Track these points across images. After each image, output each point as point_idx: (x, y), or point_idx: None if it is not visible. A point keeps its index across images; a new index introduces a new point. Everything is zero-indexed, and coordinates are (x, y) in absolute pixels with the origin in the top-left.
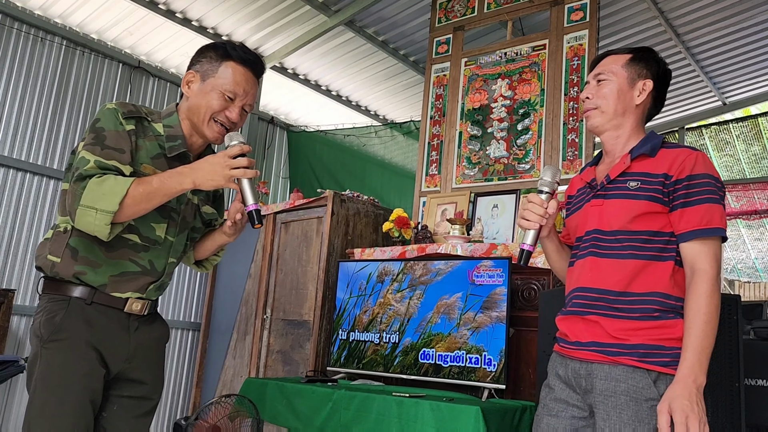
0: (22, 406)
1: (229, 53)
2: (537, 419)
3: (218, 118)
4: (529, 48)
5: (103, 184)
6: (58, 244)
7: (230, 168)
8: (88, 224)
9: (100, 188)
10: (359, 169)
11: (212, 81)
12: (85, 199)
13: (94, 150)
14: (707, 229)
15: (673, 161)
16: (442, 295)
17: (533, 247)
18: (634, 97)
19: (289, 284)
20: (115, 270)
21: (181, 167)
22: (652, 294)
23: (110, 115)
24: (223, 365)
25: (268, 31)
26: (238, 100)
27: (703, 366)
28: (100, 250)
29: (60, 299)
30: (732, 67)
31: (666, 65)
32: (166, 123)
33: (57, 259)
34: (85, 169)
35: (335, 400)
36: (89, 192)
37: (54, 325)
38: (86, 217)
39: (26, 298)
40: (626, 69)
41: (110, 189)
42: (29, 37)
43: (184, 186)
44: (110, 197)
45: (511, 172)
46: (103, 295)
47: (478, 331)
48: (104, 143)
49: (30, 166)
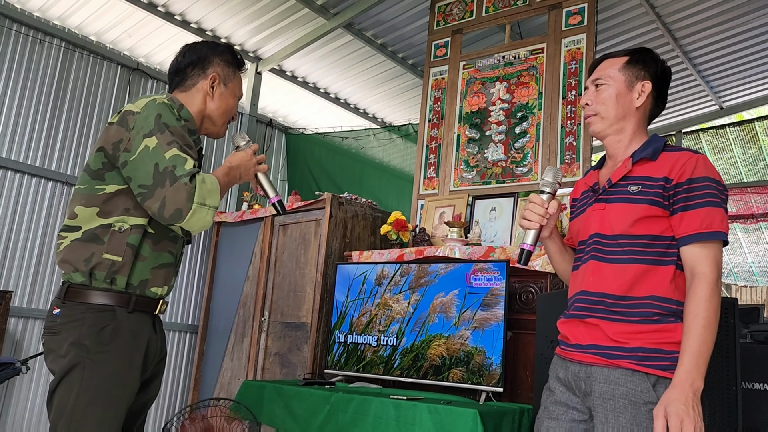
0: (19, 407)
1: (239, 64)
2: (538, 422)
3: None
4: (527, 51)
5: (205, 181)
6: (117, 243)
7: (255, 165)
8: (200, 220)
9: (205, 185)
10: (357, 172)
11: (231, 86)
12: (198, 196)
13: (183, 149)
14: (707, 233)
15: (674, 165)
16: (440, 297)
17: (533, 247)
18: (633, 99)
19: (287, 287)
20: (156, 262)
21: (228, 165)
22: (652, 298)
23: (168, 111)
24: (221, 368)
25: (267, 34)
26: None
27: (701, 370)
28: (148, 244)
29: (104, 309)
30: (729, 72)
31: (665, 63)
32: (182, 116)
33: (119, 258)
34: (190, 168)
35: (333, 403)
36: (200, 190)
37: (102, 336)
38: (200, 213)
39: (23, 300)
40: (624, 72)
41: (212, 185)
42: (28, 38)
43: (236, 181)
44: (215, 194)
45: (509, 175)
46: (141, 299)
47: (476, 334)
48: (176, 140)
49: (28, 168)
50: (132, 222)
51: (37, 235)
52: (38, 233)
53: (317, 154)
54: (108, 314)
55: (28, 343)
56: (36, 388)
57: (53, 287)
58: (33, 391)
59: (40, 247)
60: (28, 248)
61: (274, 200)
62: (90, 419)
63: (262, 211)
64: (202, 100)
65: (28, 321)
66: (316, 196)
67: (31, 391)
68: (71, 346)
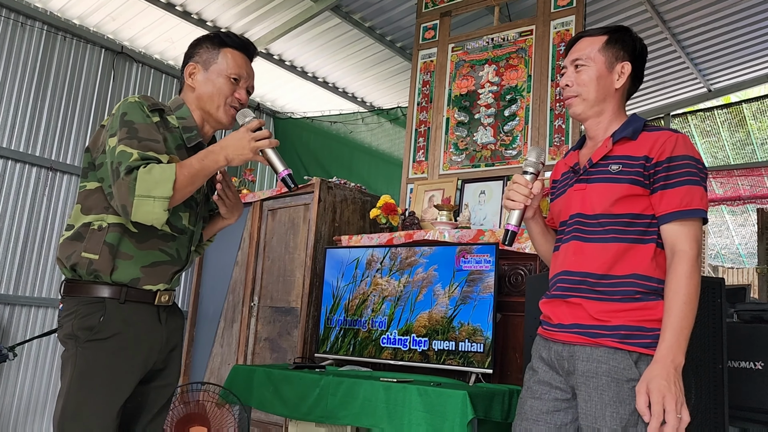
0: (7, 394)
1: (225, 41)
2: (521, 401)
3: (230, 102)
4: (516, 34)
5: (152, 172)
6: (95, 242)
7: (255, 140)
8: (147, 213)
9: (151, 176)
10: (346, 156)
11: (216, 68)
12: (139, 189)
13: (131, 143)
14: (687, 211)
15: (654, 143)
16: (430, 280)
17: (518, 227)
18: (614, 81)
19: (277, 271)
20: (146, 260)
21: (211, 146)
22: (633, 276)
23: (137, 108)
24: (211, 353)
25: (254, 17)
26: (242, 81)
27: (682, 346)
28: (131, 243)
29: (94, 301)
30: (717, 54)
31: (641, 42)
32: (178, 115)
33: (95, 256)
34: (131, 161)
35: (322, 386)
36: (142, 182)
37: (92, 325)
38: (145, 207)
39: (9, 287)
40: (603, 53)
41: (161, 176)
42: (9, 22)
43: (219, 163)
44: (163, 184)
45: (498, 158)
46: (134, 291)
47: (466, 316)
48: (138, 135)
49: (12, 153)
50: (110, 220)
51: (23, 221)
52: (23, 219)
53: (306, 139)
54: (98, 305)
55: (15, 329)
56: (24, 374)
57: (39, 274)
58: (21, 378)
59: (25, 233)
60: (13, 235)
61: (283, 174)
62: (84, 403)
63: (250, 196)
64: (190, 93)
65: (14, 308)
66: (304, 181)
67: (20, 378)
68: (67, 338)
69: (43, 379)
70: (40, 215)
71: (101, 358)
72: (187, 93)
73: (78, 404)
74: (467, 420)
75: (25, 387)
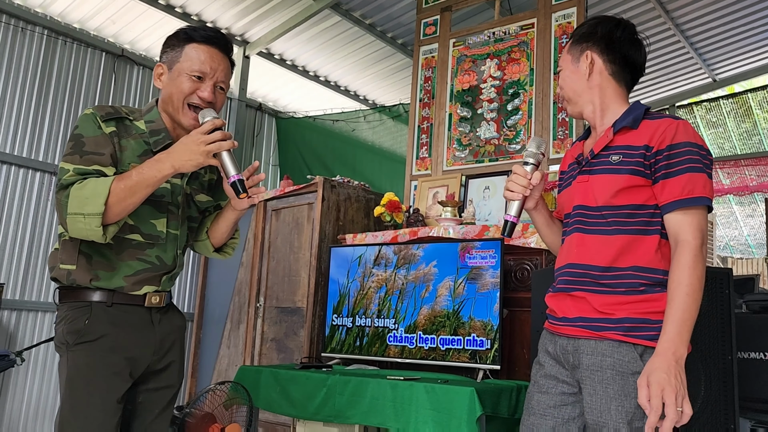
0: (16, 399)
1: (190, 35)
2: (528, 396)
3: (192, 101)
4: (517, 27)
5: (84, 188)
6: (69, 253)
7: (205, 144)
8: (81, 231)
9: (82, 193)
10: (349, 155)
11: (178, 66)
12: (71, 207)
13: (73, 159)
14: (689, 199)
15: (654, 132)
16: (435, 277)
17: (517, 218)
18: (583, 73)
19: (282, 272)
20: (129, 270)
21: (158, 155)
22: (637, 268)
23: (88, 121)
24: (218, 355)
25: (254, 17)
26: (207, 78)
27: (684, 338)
28: (110, 253)
29: (81, 305)
30: (721, 44)
31: (615, 23)
32: (147, 119)
33: (72, 267)
34: (65, 178)
35: (329, 386)
36: (73, 199)
37: (79, 329)
38: (77, 224)
39: (15, 293)
40: (570, 52)
41: (92, 191)
42: (9, 27)
43: (164, 172)
44: (94, 199)
45: (502, 153)
46: (121, 295)
47: (472, 313)
48: (83, 149)
49: (15, 159)
50: None
51: (27, 226)
52: (28, 225)
53: (308, 138)
54: (84, 309)
55: (22, 335)
56: (32, 379)
57: (45, 279)
58: (29, 382)
59: (30, 238)
60: (18, 240)
61: (233, 179)
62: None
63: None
64: (160, 95)
65: (21, 313)
66: (308, 180)
67: (27, 383)
68: (59, 344)
69: (51, 383)
70: (44, 220)
71: (90, 359)
72: (160, 96)
73: (73, 407)
74: (475, 417)
75: (33, 392)
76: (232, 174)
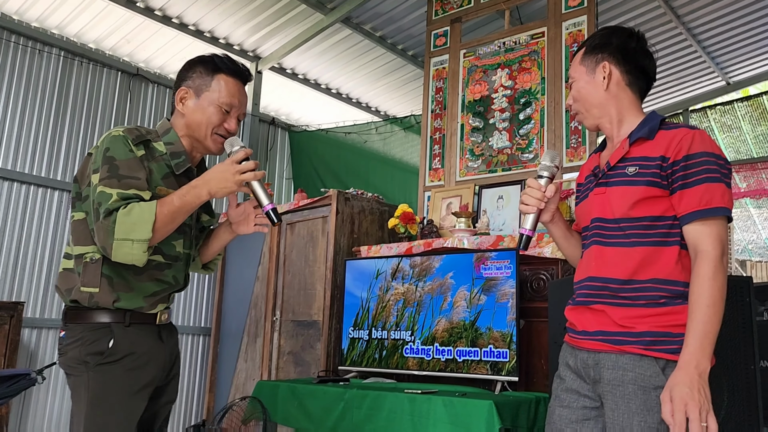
0: (37, 418)
1: (219, 67)
2: (550, 410)
3: (218, 131)
4: (527, 36)
5: (131, 213)
6: (92, 275)
7: (239, 173)
8: (126, 255)
9: (129, 218)
10: (362, 167)
11: (207, 96)
12: (118, 232)
13: (111, 183)
14: (707, 210)
15: (670, 142)
16: (450, 289)
17: (533, 231)
18: (599, 84)
19: (297, 285)
20: (147, 291)
21: (194, 181)
22: (657, 281)
23: (119, 143)
24: (235, 369)
25: (265, 32)
26: (233, 111)
27: (706, 351)
28: (129, 274)
29: (100, 326)
30: (734, 46)
31: (628, 33)
32: (166, 140)
33: (95, 290)
34: (110, 203)
35: (347, 400)
36: (120, 225)
37: (102, 350)
38: (123, 249)
39: (36, 311)
40: (583, 63)
41: (139, 217)
42: (27, 49)
43: (202, 198)
44: (141, 225)
45: (515, 163)
46: (137, 314)
47: (489, 324)
48: (119, 173)
49: (34, 179)
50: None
51: (47, 245)
52: (47, 243)
53: (321, 151)
54: (105, 330)
55: (42, 353)
56: (53, 397)
57: None
58: (50, 400)
59: (50, 257)
60: (38, 259)
61: (267, 208)
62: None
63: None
64: (180, 118)
65: (41, 331)
66: (321, 193)
67: (48, 401)
68: (77, 364)
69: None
70: (63, 239)
71: (115, 378)
72: (177, 118)
73: (98, 426)
74: (494, 431)
75: (54, 409)
76: (265, 203)
